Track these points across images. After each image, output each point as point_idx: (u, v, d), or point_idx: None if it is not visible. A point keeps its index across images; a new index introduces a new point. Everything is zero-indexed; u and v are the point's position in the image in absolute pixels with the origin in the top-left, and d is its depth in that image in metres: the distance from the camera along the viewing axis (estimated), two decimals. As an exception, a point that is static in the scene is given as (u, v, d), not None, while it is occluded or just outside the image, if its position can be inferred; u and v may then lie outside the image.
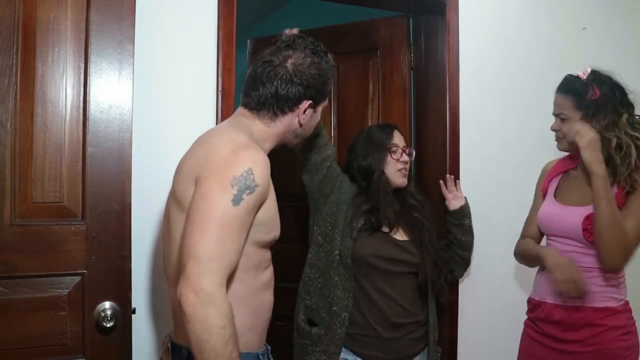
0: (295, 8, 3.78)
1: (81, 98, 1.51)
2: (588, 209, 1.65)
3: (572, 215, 1.69)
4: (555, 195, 1.81)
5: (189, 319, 1.10)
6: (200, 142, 1.32)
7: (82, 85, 1.51)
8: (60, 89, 1.49)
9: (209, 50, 1.84)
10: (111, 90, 1.53)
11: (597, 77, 1.68)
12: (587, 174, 1.68)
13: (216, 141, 1.27)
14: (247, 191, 1.17)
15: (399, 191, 1.92)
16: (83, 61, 1.51)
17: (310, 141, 1.76)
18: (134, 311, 1.54)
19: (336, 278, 1.77)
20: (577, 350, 1.66)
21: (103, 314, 1.49)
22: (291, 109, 1.35)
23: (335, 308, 1.76)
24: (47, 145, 1.47)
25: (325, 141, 1.82)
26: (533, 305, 1.82)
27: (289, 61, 1.34)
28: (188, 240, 1.15)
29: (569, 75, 1.74)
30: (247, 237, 1.22)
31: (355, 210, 1.82)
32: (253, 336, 1.31)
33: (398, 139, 1.92)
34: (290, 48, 1.36)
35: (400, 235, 1.86)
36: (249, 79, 1.38)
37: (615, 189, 1.65)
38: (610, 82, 1.68)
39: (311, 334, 1.79)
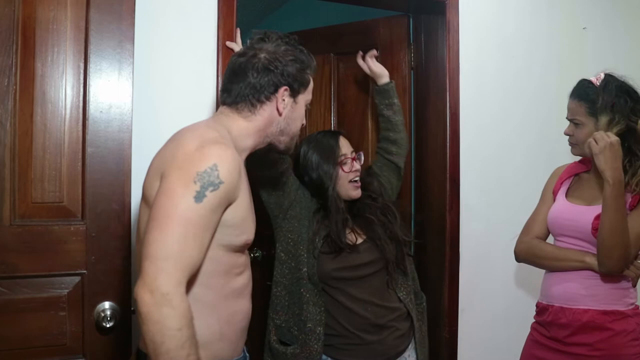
0: (295, 8, 3.78)
1: (81, 98, 1.51)
2: (599, 208, 1.63)
3: (584, 215, 1.68)
4: (566, 196, 1.80)
5: (143, 320, 1.05)
6: (172, 139, 1.28)
7: (81, 85, 1.51)
8: (60, 88, 1.49)
9: (209, 50, 1.84)
10: (111, 90, 1.53)
11: (610, 83, 1.66)
12: (600, 177, 1.68)
13: (184, 137, 1.22)
14: (211, 188, 1.12)
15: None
16: (83, 61, 1.51)
17: (264, 157, 1.70)
18: (133, 311, 1.54)
19: (307, 295, 1.73)
20: (585, 353, 1.65)
21: (103, 314, 1.49)
22: (268, 98, 1.30)
23: (310, 325, 1.71)
24: (46, 145, 1.47)
25: (279, 155, 1.73)
26: (540, 309, 1.81)
27: (263, 51, 1.31)
28: (147, 238, 1.10)
29: (583, 80, 1.73)
30: (212, 237, 1.16)
31: (316, 226, 1.78)
32: (224, 346, 1.26)
33: (346, 147, 1.85)
34: (263, 41, 1.33)
35: (359, 239, 1.82)
36: (225, 75, 1.35)
37: (629, 196, 1.64)
38: (623, 88, 1.67)
39: (286, 354, 1.74)
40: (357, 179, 1.84)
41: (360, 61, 2.08)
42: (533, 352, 1.80)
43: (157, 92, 1.77)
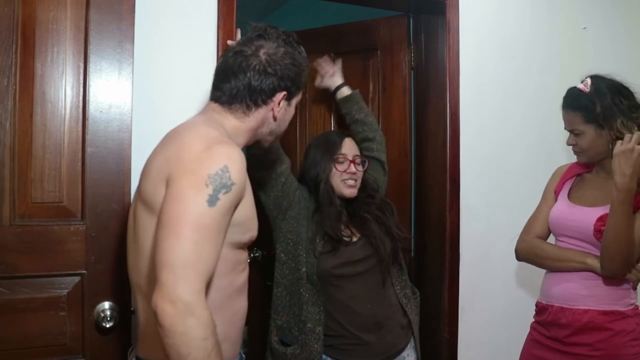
0: (295, 8, 3.78)
1: (80, 98, 1.51)
2: (602, 210, 1.64)
3: (586, 216, 1.68)
4: (568, 197, 1.80)
5: (166, 333, 1.01)
6: (169, 139, 1.23)
7: (81, 85, 1.51)
8: (60, 88, 1.49)
9: (209, 50, 1.84)
10: (111, 90, 1.53)
11: (601, 86, 1.65)
12: (604, 177, 1.70)
13: (186, 137, 1.18)
14: (224, 190, 1.09)
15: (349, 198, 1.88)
16: (82, 61, 1.51)
17: (263, 158, 1.71)
18: (133, 311, 1.54)
19: (306, 295, 1.74)
20: (585, 353, 1.65)
21: (102, 314, 1.49)
22: (265, 102, 1.27)
23: (310, 325, 1.72)
24: (46, 145, 1.47)
25: (277, 156, 1.75)
26: (540, 309, 1.81)
27: (262, 51, 1.26)
28: (161, 246, 1.06)
29: (572, 88, 1.72)
30: (224, 239, 1.13)
31: (315, 227, 1.79)
32: (226, 346, 1.22)
33: (348, 148, 1.87)
34: (262, 38, 1.28)
35: (355, 237, 1.84)
36: (220, 71, 1.30)
37: None
38: (614, 88, 1.66)
39: (287, 355, 1.74)
40: (351, 181, 1.84)
41: (319, 83, 2.15)
42: (533, 352, 1.80)
43: (157, 92, 1.77)
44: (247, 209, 1.21)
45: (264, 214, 1.87)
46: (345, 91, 2.07)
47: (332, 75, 2.10)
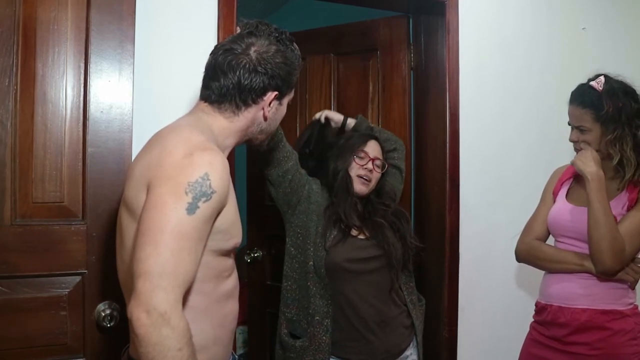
0: (295, 8, 3.78)
1: (81, 98, 1.51)
2: None
3: (584, 216, 1.68)
4: (567, 197, 1.81)
5: (140, 342, 0.99)
6: (153, 142, 1.20)
7: (82, 85, 1.51)
8: (61, 89, 1.49)
9: (209, 51, 1.84)
10: (111, 91, 1.53)
11: (614, 88, 1.67)
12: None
13: (170, 142, 1.15)
14: (203, 198, 1.06)
15: (365, 198, 1.90)
16: (83, 61, 1.51)
17: (269, 155, 1.71)
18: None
19: (313, 288, 1.76)
20: (584, 352, 1.66)
21: (103, 314, 1.50)
22: (255, 101, 1.24)
23: (318, 317, 1.74)
24: (47, 145, 1.48)
25: (284, 153, 1.75)
26: (539, 308, 1.82)
27: (253, 49, 1.23)
28: (139, 254, 1.03)
29: (583, 85, 1.72)
30: (204, 246, 1.11)
31: (327, 221, 1.80)
32: (218, 349, 1.23)
33: (371, 148, 1.89)
34: (254, 35, 1.25)
35: (363, 236, 1.85)
36: (209, 69, 1.27)
37: (626, 193, 1.67)
38: (627, 90, 1.68)
39: (296, 347, 1.77)
40: (365, 178, 1.86)
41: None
42: (532, 351, 1.81)
43: (157, 92, 1.77)
44: (230, 215, 1.19)
45: (266, 215, 1.88)
46: (351, 121, 2.05)
47: (337, 123, 2.07)
